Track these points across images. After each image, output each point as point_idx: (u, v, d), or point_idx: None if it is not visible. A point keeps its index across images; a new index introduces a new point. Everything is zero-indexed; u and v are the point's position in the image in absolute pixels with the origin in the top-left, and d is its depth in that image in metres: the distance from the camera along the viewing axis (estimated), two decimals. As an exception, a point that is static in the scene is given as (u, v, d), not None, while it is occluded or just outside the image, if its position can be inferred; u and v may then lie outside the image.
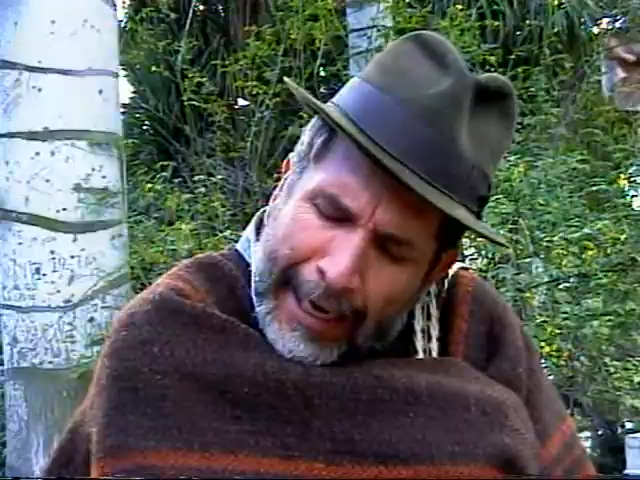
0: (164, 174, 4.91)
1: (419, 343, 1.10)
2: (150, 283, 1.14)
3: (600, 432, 6.81)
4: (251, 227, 1.13)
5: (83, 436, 1.06)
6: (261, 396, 1.00)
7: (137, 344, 1.02)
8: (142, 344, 1.01)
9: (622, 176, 5.01)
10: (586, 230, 3.51)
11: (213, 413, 0.99)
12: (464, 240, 5.02)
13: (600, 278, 3.58)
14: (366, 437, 1.00)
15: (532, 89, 4.79)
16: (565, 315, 3.42)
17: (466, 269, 1.18)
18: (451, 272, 1.14)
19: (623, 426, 6.01)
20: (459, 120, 0.98)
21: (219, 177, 4.93)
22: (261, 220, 1.11)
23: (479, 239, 3.44)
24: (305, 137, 1.06)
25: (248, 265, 1.09)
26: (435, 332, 1.11)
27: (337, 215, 0.99)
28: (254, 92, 5.39)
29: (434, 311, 1.12)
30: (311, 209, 1.01)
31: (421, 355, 1.10)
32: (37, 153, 3.69)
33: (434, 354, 1.10)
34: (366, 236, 0.98)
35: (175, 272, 1.10)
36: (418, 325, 1.10)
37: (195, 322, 1.02)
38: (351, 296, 0.99)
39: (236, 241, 1.17)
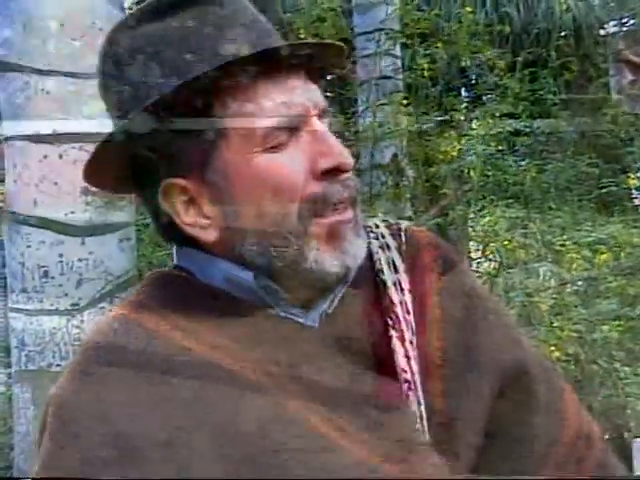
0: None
1: (395, 297, 1.08)
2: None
3: (607, 437, 6.80)
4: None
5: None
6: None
7: (77, 400, 0.98)
8: (81, 400, 0.98)
9: (631, 177, 5.00)
10: (598, 234, 3.50)
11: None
12: (470, 243, 5.01)
13: (610, 282, 3.57)
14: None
15: (540, 92, 4.77)
16: (575, 320, 3.40)
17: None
18: (402, 226, 1.15)
19: (630, 430, 6.00)
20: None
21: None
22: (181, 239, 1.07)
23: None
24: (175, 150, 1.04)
25: (191, 273, 1.06)
26: (406, 285, 1.09)
27: (289, 131, 1.01)
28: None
29: (400, 264, 1.11)
30: (269, 154, 1.00)
31: (398, 307, 1.08)
32: (45, 156, 3.67)
33: (409, 306, 1.08)
34: (318, 119, 1.03)
35: (128, 300, 1.08)
36: (389, 278, 1.09)
37: (135, 365, 0.99)
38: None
39: None
